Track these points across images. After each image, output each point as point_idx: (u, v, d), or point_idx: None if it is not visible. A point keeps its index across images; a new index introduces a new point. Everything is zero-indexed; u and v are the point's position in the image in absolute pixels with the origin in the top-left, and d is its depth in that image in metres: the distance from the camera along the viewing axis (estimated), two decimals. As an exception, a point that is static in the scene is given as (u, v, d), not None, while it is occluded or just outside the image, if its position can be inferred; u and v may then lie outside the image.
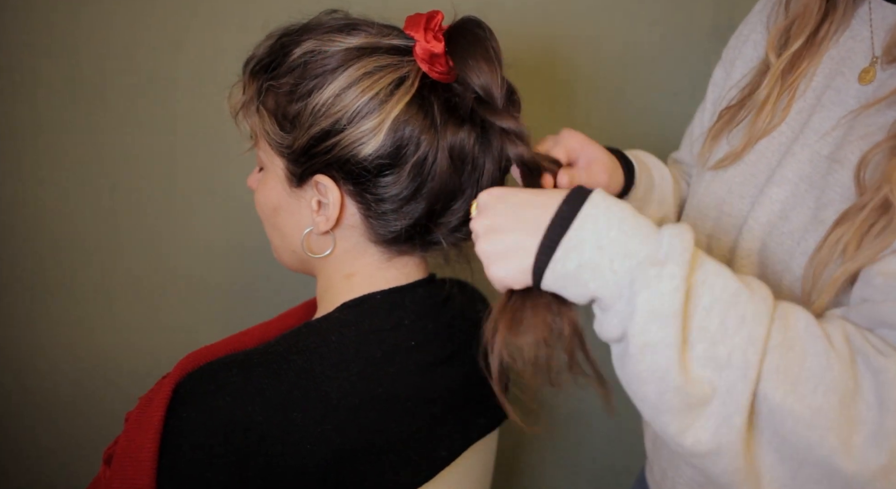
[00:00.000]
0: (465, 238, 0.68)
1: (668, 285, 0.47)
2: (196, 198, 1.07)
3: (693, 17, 1.01)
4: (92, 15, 0.99)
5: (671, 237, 0.49)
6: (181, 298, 1.11)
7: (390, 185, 0.62)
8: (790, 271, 0.60)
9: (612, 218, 0.50)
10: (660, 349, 0.47)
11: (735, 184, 0.68)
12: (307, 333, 0.63)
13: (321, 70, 0.61)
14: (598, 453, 1.19)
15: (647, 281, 0.47)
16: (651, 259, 0.48)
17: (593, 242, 0.49)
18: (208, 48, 1.01)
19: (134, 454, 0.57)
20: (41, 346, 1.12)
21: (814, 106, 0.65)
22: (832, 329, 0.49)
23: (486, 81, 0.60)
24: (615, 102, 1.07)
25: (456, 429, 0.69)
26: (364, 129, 0.60)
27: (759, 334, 0.47)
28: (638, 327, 0.48)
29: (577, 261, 0.50)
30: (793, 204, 0.62)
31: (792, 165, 0.63)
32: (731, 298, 0.48)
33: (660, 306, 0.47)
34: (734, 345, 0.47)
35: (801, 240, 0.60)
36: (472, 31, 0.62)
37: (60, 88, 1.02)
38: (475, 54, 0.60)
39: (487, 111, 0.61)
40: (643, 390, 0.50)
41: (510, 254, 0.53)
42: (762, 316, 0.48)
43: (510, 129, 0.61)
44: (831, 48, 0.66)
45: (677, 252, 0.48)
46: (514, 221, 0.53)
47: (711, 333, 0.47)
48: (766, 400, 0.47)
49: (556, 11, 1.02)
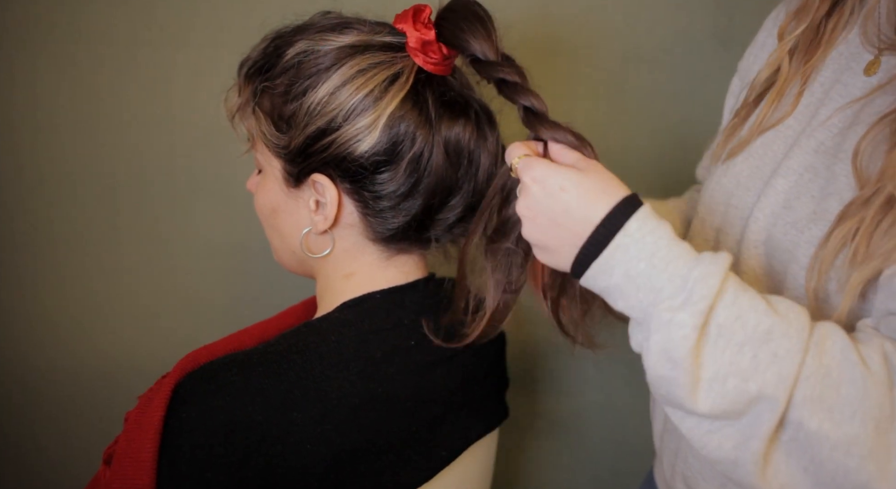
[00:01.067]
0: (464, 234, 0.68)
1: (677, 333, 0.49)
2: (196, 198, 1.07)
3: (693, 18, 1.01)
4: (92, 15, 0.99)
5: (696, 281, 0.50)
6: (181, 298, 1.11)
7: (387, 182, 0.62)
8: (796, 261, 0.60)
9: (644, 249, 0.51)
10: (673, 385, 0.50)
11: (743, 177, 0.68)
12: (307, 333, 0.63)
13: (315, 69, 0.61)
14: (598, 453, 1.19)
15: (659, 324, 0.50)
16: (670, 300, 0.50)
17: (622, 271, 0.52)
18: (208, 48, 1.01)
19: (134, 454, 0.57)
20: (41, 346, 1.12)
21: (822, 100, 0.65)
22: (870, 350, 0.49)
23: (482, 42, 0.60)
24: (615, 102, 1.07)
25: (456, 429, 0.69)
26: (359, 127, 0.60)
27: (790, 372, 0.48)
28: (651, 362, 0.51)
29: (605, 282, 0.53)
30: (796, 193, 0.62)
31: (798, 156, 0.63)
32: (764, 335, 0.49)
33: (670, 350, 0.49)
34: (765, 380, 0.48)
35: (805, 229, 0.59)
36: (459, 2, 0.62)
37: (60, 88, 1.02)
38: (466, 19, 0.60)
39: (484, 66, 0.61)
40: (667, 409, 0.53)
41: (549, 250, 0.56)
42: (796, 352, 0.48)
43: (508, 80, 0.60)
44: (840, 44, 0.66)
45: (697, 297, 0.49)
46: (553, 229, 0.55)
47: (743, 369, 0.48)
48: (801, 427, 0.48)
49: (556, 11, 1.02)
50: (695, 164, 0.91)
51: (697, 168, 0.91)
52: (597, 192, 0.54)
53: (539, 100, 0.60)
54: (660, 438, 0.80)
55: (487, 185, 0.66)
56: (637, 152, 1.05)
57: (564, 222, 0.54)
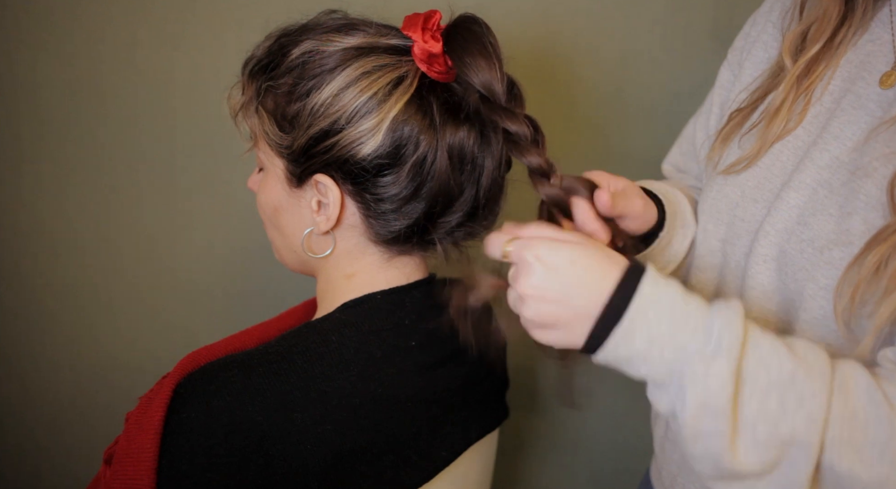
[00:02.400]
0: (466, 237, 0.68)
1: (715, 382, 0.48)
2: (196, 198, 1.07)
3: (693, 17, 1.01)
4: (91, 15, 0.99)
5: (721, 329, 0.49)
6: (181, 298, 1.11)
7: (390, 185, 0.62)
8: (814, 281, 0.59)
9: (662, 311, 0.51)
10: (711, 438, 0.49)
11: (748, 187, 0.67)
12: (307, 334, 0.63)
13: (319, 70, 0.60)
14: (598, 453, 1.19)
15: (695, 378, 0.49)
16: (700, 354, 0.49)
17: (644, 335, 0.50)
18: (208, 48, 1.01)
19: (134, 454, 0.57)
20: (41, 346, 1.12)
21: (832, 110, 0.64)
22: (894, 389, 0.50)
23: (486, 78, 0.60)
24: (615, 102, 1.07)
25: (456, 430, 0.69)
26: (363, 129, 0.60)
27: (818, 414, 0.48)
28: (689, 418, 0.50)
29: (627, 351, 0.51)
30: (812, 210, 0.61)
31: (810, 170, 0.62)
32: (788, 378, 0.49)
33: (709, 401, 0.49)
34: (795, 424, 0.48)
35: (824, 249, 0.59)
36: (468, 27, 0.61)
37: (60, 88, 1.02)
38: (472, 51, 0.60)
39: (491, 110, 0.61)
40: (700, 466, 0.52)
41: (558, 328, 0.53)
42: (821, 393, 0.48)
43: (514, 132, 0.60)
44: (849, 52, 0.65)
45: (726, 346, 0.49)
46: (566, 304, 0.52)
47: (772, 414, 0.48)
48: (831, 470, 0.48)
49: (556, 11, 1.02)
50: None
51: (664, 163, 0.90)
52: (604, 260, 0.53)
53: (538, 155, 0.60)
54: (660, 446, 0.80)
55: (491, 190, 0.66)
56: (637, 152, 1.06)
57: (578, 294, 0.52)
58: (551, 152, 0.62)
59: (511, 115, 0.60)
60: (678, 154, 0.88)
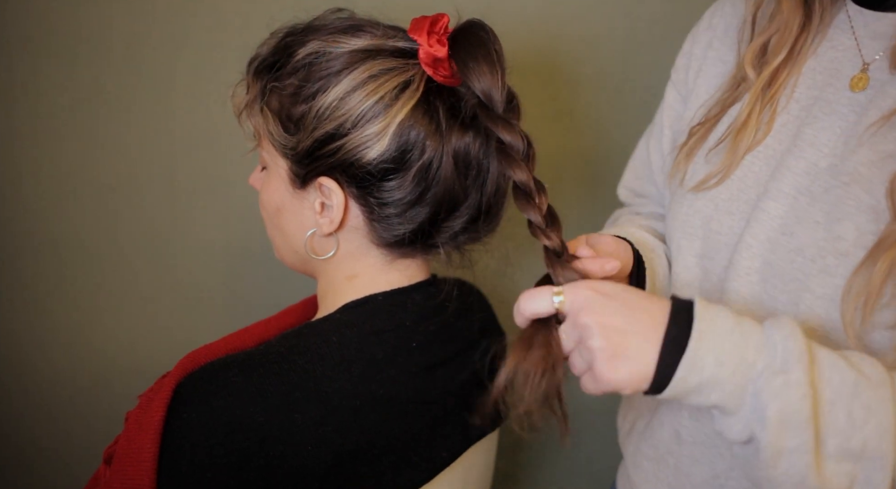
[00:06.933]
0: (468, 242, 0.68)
1: (796, 393, 0.48)
2: (196, 197, 1.07)
3: (693, 17, 1.01)
4: (91, 14, 0.99)
5: (784, 340, 0.49)
6: (181, 298, 1.11)
7: (394, 190, 0.62)
8: (809, 290, 0.59)
9: (723, 333, 0.50)
10: (796, 455, 0.48)
11: (722, 200, 0.67)
12: (308, 334, 0.63)
13: (326, 72, 0.60)
14: (598, 453, 1.19)
15: (774, 392, 0.48)
16: (772, 368, 0.49)
17: (713, 360, 0.49)
18: (208, 48, 1.01)
19: (134, 454, 0.57)
20: (41, 346, 1.12)
21: (802, 118, 0.64)
22: None
23: (487, 85, 0.59)
24: (615, 102, 1.07)
25: (456, 430, 0.69)
26: (368, 133, 0.59)
27: (888, 422, 0.48)
28: (771, 436, 0.49)
29: (698, 378, 0.50)
30: (795, 218, 0.60)
31: (787, 178, 0.62)
32: (852, 390, 0.49)
33: (792, 415, 0.48)
34: (866, 435, 0.48)
35: (816, 257, 0.58)
36: (475, 33, 0.61)
37: (60, 88, 1.02)
38: (477, 57, 0.59)
39: (488, 117, 0.60)
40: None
41: (631, 355, 0.51)
42: (886, 401, 0.48)
43: (507, 142, 0.59)
44: (810, 59, 0.65)
45: (795, 357, 0.48)
46: (632, 322, 0.51)
47: (841, 428, 0.48)
48: None
49: (556, 11, 1.02)
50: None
51: (619, 188, 0.89)
52: (643, 291, 0.54)
53: (524, 171, 0.58)
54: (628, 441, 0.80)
55: (495, 196, 0.66)
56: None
57: (641, 310, 0.51)
58: (551, 152, 0.62)
59: (507, 124, 0.59)
60: (633, 178, 0.87)
